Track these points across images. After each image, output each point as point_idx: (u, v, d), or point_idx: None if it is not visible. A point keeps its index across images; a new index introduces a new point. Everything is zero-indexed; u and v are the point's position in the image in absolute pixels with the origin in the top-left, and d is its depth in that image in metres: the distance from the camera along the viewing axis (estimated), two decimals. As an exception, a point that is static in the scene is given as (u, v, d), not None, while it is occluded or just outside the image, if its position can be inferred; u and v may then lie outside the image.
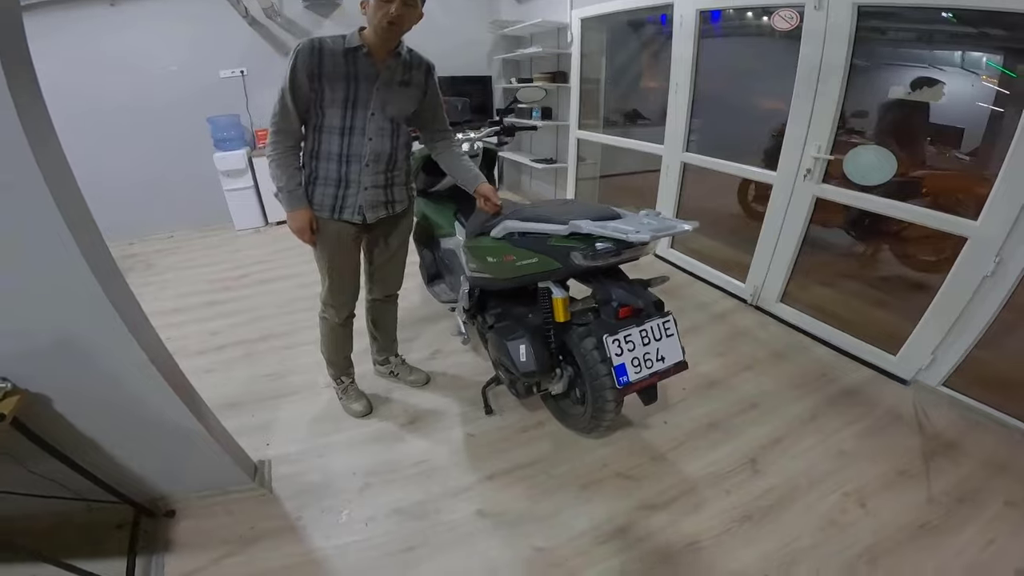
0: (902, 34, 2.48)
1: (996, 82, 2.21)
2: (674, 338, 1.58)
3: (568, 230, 1.50)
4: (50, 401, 1.28)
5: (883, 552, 1.50)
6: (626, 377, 1.50)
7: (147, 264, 3.98)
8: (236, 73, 4.56)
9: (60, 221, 1.07)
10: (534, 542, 1.57)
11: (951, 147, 2.49)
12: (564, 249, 1.53)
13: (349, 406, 2.16)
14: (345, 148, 1.62)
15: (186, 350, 2.62)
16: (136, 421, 1.41)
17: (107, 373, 1.29)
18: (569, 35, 4.21)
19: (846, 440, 1.96)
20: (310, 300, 3.08)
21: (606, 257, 1.48)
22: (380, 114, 1.62)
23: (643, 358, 1.53)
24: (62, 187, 1.09)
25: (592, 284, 1.63)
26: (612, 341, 1.49)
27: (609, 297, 1.54)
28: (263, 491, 1.75)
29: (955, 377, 2.16)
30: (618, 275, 1.66)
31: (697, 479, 1.79)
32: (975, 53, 2.26)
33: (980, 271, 1.96)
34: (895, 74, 2.45)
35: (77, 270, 1.13)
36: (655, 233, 1.35)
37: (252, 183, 4.62)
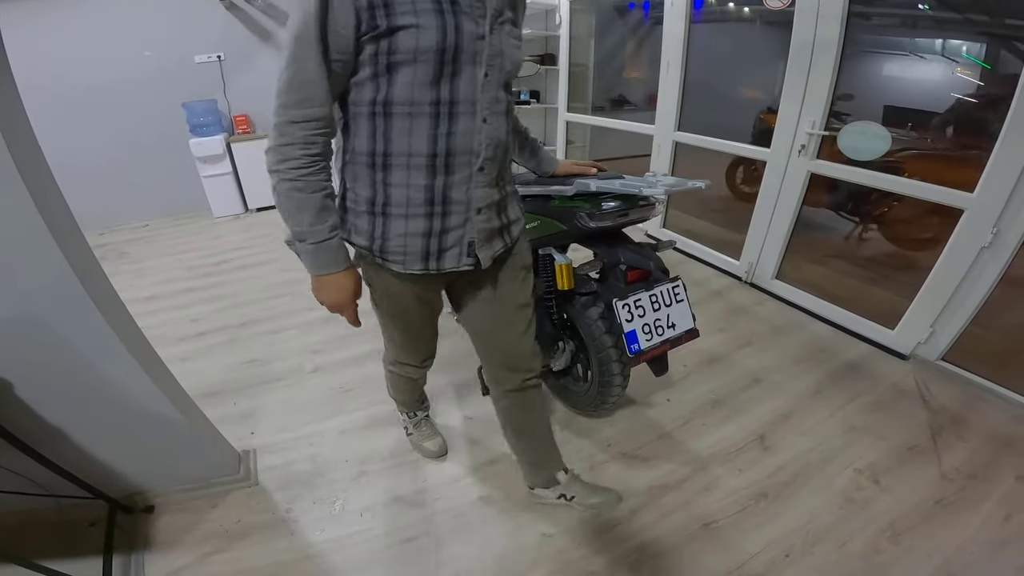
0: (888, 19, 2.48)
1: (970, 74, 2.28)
2: (684, 304, 1.51)
3: (573, 190, 1.43)
4: (11, 386, 1.17)
5: (904, 529, 1.47)
6: (637, 344, 1.43)
7: (120, 253, 3.79)
8: (213, 58, 4.39)
9: (27, 196, 0.96)
10: (541, 528, 1.50)
11: (928, 130, 2.52)
12: (569, 210, 1.45)
13: (421, 444, 1.75)
14: (442, 143, 0.95)
15: (164, 338, 2.48)
16: (108, 409, 1.30)
17: (75, 356, 1.18)
18: (557, 17, 4.14)
19: (852, 415, 1.92)
20: (293, 285, 3.01)
21: (614, 217, 1.41)
22: (496, 76, 0.96)
23: (653, 324, 1.46)
24: (28, 161, 0.99)
25: (598, 247, 1.55)
26: (622, 306, 1.42)
27: (618, 259, 1.47)
28: (249, 483, 1.65)
29: (954, 351, 2.15)
30: (623, 238, 1.58)
31: (707, 457, 1.73)
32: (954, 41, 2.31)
33: (977, 243, 1.94)
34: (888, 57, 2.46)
35: (39, 240, 1.01)
36: (669, 188, 1.28)
37: (231, 169, 4.46)
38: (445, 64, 0.88)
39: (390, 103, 0.91)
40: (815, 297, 2.62)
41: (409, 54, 0.86)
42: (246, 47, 4.47)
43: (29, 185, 0.97)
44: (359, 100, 0.93)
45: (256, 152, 4.43)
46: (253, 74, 4.56)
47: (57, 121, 3.83)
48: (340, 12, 0.81)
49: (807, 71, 2.38)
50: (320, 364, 2.27)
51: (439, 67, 0.88)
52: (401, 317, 1.25)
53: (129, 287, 3.11)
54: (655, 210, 1.47)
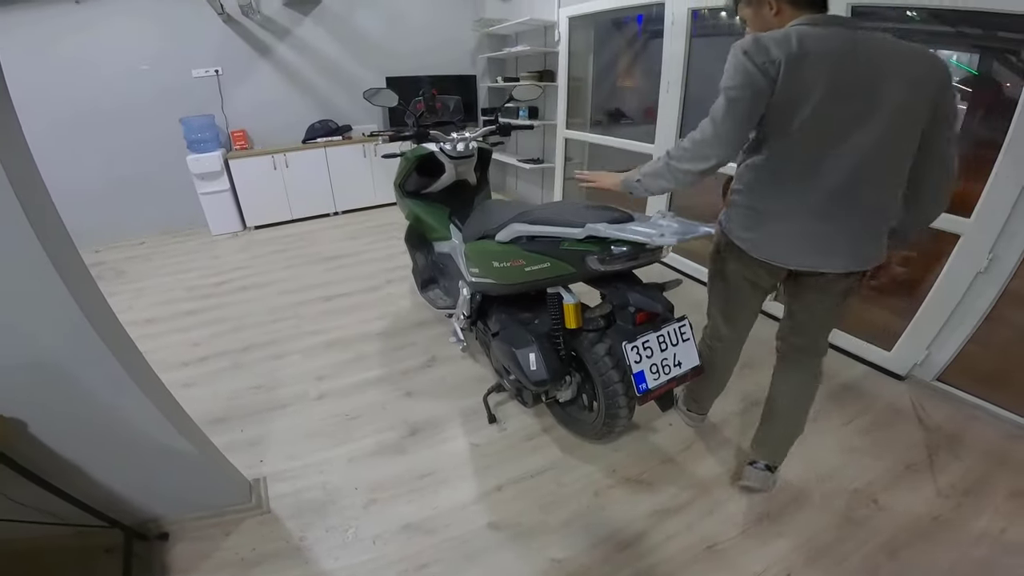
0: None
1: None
2: (690, 342, 1.54)
3: (584, 233, 1.44)
4: (25, 425, 1.20)
5: (901, 546, 1.51)
6: (645, 384, 1.46)
7: (118, 272, 3.80)
8: (210, 72, 4.42)
9: (31, 234, 0.98)
10: (551, 553, 1.53)
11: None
12: (578, 253, 1.47)
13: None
14: None
15: (166, 362, 2.49)
16: (119, 442, 1.33)
17: (84, 393, 1.21)
18: (556, 34, 4.18)
19: (850, 437, 1.96)
20: (294, 309, 3.05)
21: (623, 261, 1.43)
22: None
23: (661, 364, 1.49)
24: (32, 197, 1.01)
25: (606, 288, 1.57)
26: (631, 349, 1.44)
27: (626, 302, 1.49)
28: (261, 510, 1.67)
29: (949, 372, 2.19)
30: (631, 279, 1.61)
31: (709, 481, 1.77)
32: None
33: (974, 267, 1.98)
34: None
35: (49, 285, 1.04)
36: (679, 236, 1.30)
37: (228, 186, 4.46)
38: None
39: None
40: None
41: None
42: (244, 61, 4.51)
43: (38, 231, 0.99)
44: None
45: (254, 169, 4.45)
46: (251, 89, 4.59)
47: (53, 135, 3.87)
48: None
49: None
50: (325, 390, 2.29)
51: None
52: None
53: (128, 308, 3.12)
54: (664, 252, 1.50)
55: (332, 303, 3.11)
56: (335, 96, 4.94)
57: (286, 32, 4.58)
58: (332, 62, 4.84)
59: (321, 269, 3.65)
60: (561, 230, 1.51)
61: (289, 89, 4.78)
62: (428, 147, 2.29)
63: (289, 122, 4.75)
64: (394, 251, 3.85)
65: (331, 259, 3.84)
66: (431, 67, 5.04)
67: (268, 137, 4.72)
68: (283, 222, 4.78)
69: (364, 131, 4.86)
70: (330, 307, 3.06)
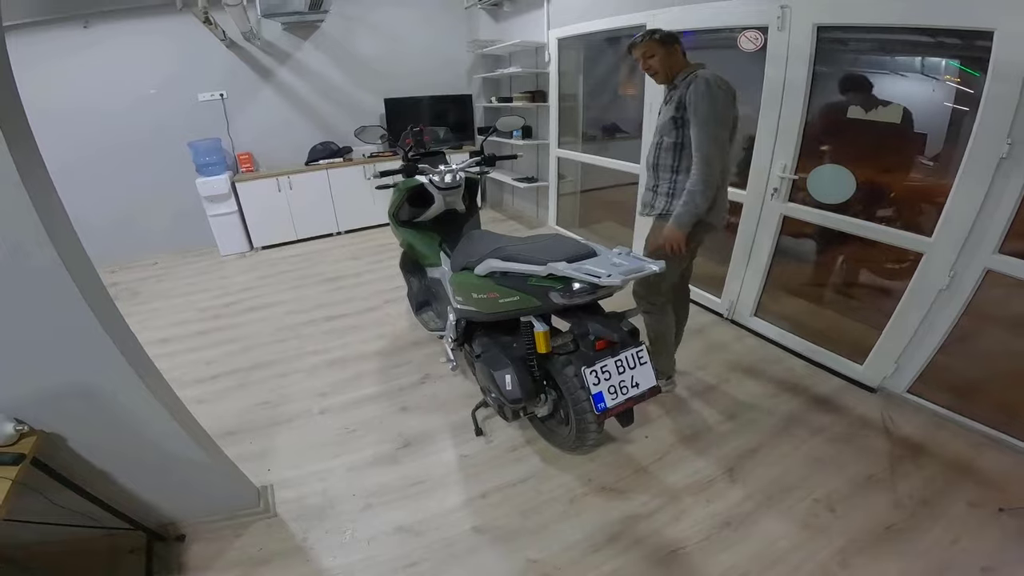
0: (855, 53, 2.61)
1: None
2: (647, 366, 1.69)
3: (546, 271, 1.59)
4: (64, 439, 1.38)
5: (853, 553, 1.62)
6: (604, 404, 1.61)
7: (132, 292, 3.99)
8: (216, 96, 4.62)
9: (65, 275, 1.15)
10: (528, 554, 1.67)
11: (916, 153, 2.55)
12: (543, 288, 1.63)
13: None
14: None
15: (181, 380, 2.66)
16: (144, 452, 1.51)
17: (114, 410, 1.38)
18: (547, 55, 4.35)
19: (817, 448, 2.08)
20: (297, 329, 3.20)
21: (582, 296, 1.58)
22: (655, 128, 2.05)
23: (619, 385, 1.64)
24: (62, 238, 1.17)
25: (570, 319, 1.73)
26: (590, 372, 1.60)
27: (586, 331, 1.65)
28: (268, 514, 1.84)
29: (919, 384, 2.30)
30: (594, 308, 1.77)
31: (679, 489, 1.90)
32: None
33: (936, 285, 2.09)
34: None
35: (81, 316, 1.21)
36: (625, 277, 1.45)
37: (236, 208, 4.64)
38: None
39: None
40: (790, 334, 2.79)
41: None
42: (247, 85, 4.70)
43: (73, 273, 1.16)
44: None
45: (260, 191, 4.63)
46: (254, 112, 4.79)
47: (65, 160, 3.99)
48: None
49: (778, 115, 2.53)
50: (327, 406, 2.45)
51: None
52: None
53: (143, 328, 3.30)
54: (618, 288, 1.63)
55: (334, 323, 3.27)
56: (336, 118, 5.12)
57: (287, 56, 4.78)
58: (332, 85, 5.03)
59: (324, 290, 3.82)
60: (526, 267, 1.67)
61: (292, 112, 4.97)
62: (418, 179, 2.44)
63: (292, 144, 4.94)
64: (392, 271, 3.95)
65: (333, 279, 4.01)
66: (428, 88, 5.22)
67: (272, 159, 4.92)
68: (289, 242, 4.96)
69: (365, 152, 5.04)
70: (332, 327, 3.22)
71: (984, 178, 1.87)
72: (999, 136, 1.80)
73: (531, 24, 4.46)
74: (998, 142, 1.80)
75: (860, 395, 2.42)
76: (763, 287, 2.91)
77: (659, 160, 2.05)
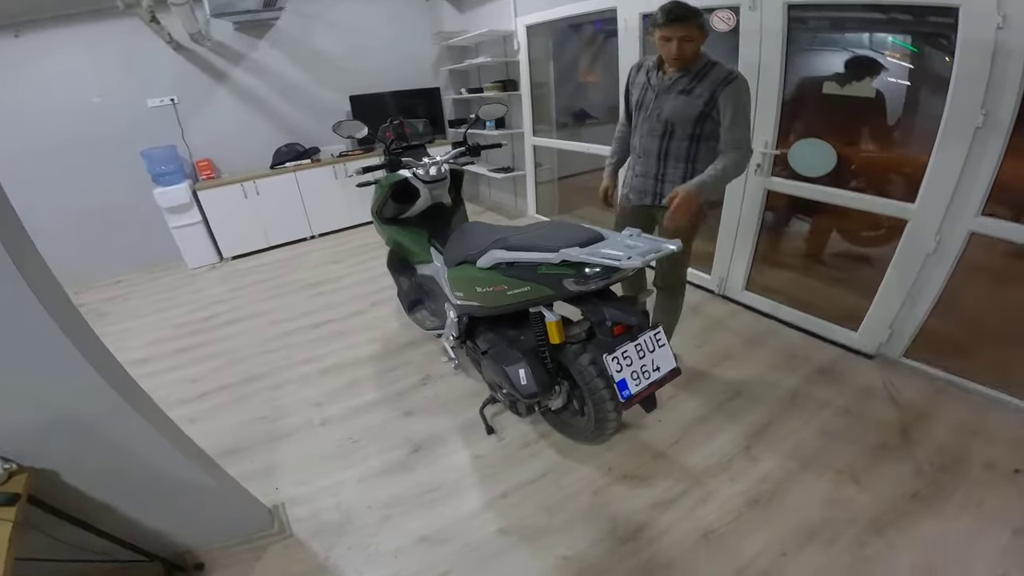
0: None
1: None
2: (666, 348, 1.66)
3: (558, 258, 1.53)
4: (56, 474, 1.29)
5: (887, 524, 1.63)
6: (628, 391, 1.57)
7: (100, 314, 3.77)
8: (166, 102, 4.37)
9: (36, 304, 1.06)
10: (559, 552, 1.64)
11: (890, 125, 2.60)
12: (555, 276, 1.57)
13: None
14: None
15: (167, 400, 2.50)
16: (146, 481, 1.44)
17: (105, 440, 1.30)
18: (516, 43, 4.28)
19: (827, 419, 2.11)
20: (284, 338, 3.08)
21: (597, 281, 1.53)
22: (655, 117, 1.96)
23: (640, 370, 1.61)
24: (30, 268, 1.09)
25: (584, 305, 1.68)
26: (612, 359, 1.56)
27: (603, 317, 1.60)
28: (284, 535, 1.76)
29: (914, 348, 2.35)
30: (607, 294, 1.72)
31: (700, 471, 1.89)
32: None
33: (923, 250, 2.14)
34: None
35: (56, 345, 1.13)
36: (644, 258, 1.41)
37: (200, 217, 4.43)
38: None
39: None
40: (783, 305, 2.83)
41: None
42: (200, 89, 4.47)
43: (44, 303, 1.08)
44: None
45: (225, 198, 4.44)
46: (210, 116, 4.56)
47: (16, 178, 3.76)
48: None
49: (755, 93, 2.52)
50: (326, 417, 2.35)
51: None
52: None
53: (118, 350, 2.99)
54: (633, 270, 1.60)
55: (321, 330, 3.15)
56: (299, 119, 4.95)
57: (241, 57, 4.56)
58: (293, 84, 4.83)
59: (305, 296, 3.68)
60: (538, 256, 1.60)
61: (251, 114, 4.76)
62: (401, 174, 2.35)
63: (254, 148, 4.74)
64: (375, 272, 3.90)
65: (314, 285, 3.87)
66: (394, 83, 5.08)
67: (234, 165, 4.70)
68: (261, 250, 4.78)
69: (333, 152, 4.89)
70: (319, 334, 3.10)
71: (962, 147, 1.92)
72: (973, 107, 1.86)
73: (497, 13, 4.38)
74: (973, 112, 1.86)
75: (858, 362, 2.46)
76: (752, 261, 2.94)
77: (669, 149, 1.98)
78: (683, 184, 1.87)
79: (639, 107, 2.03)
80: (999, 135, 1.84)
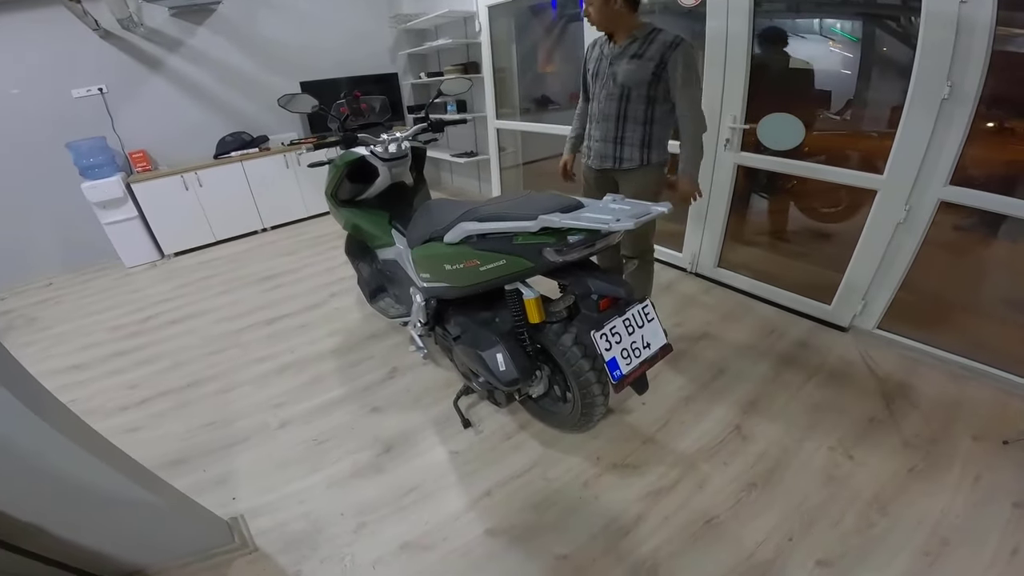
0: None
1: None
2: (655, 322, 1.55)
3: (537, 225, 1.39)
4: None
5: (888, 500, 1.58)
6: (619, 371, 1.45)
7: (29, 319, 3.39)
8: (93, 91, 4.01)
9: None
10: (555, 550, 1.51)
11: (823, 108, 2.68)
12: (534, 247, 1.43)
13: None
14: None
15: (103, 408, 2.28)
16: (72, 499, 1.24)
17: (17, 455, 1.10)
18: (477, 24, 4.12)
19: (812, 394, 2.07)
20: (232, 336, 2.85)
21: (580, 250, 1.41)
22: (611, 82, 2.00)
23: (631, 348, 1.49)
24: None
25: (565, 278, 1.54)
26: (600, 336, 1.43)
27: (588, 290, 1.46)
28: (247, 549, 1.57)
29: (887, 319, 2.35)
30: (589, 265, 1.58)
31: (692, 455, 1.81)
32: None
33: (893, 219, 2.14)
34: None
35: None
36: (637, 220, 1.29)
37: (136, 212, 4.08)
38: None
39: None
40: (756, 281, 2.80)
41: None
42: (132, 77, 4.14)
43: None
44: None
45: (163, 191, 4.12)
46: (144, 105, 4.23)
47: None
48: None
49: (723, 68, 2.51)
50: (286, 418, 2.15)
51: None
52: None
53: (48, 356, 2.78)
54: (615, 237, 1.48)
55: (276, 325, 2.92)
56: (245, 107, 4.65)
57: (178, 44, 4.24)
58: (237, 71, 4.54)
59: (258, 291, 3.43)
60: (513, 224, 1.45)
61: (190, 103, 4.44)
62: (358, 151, 2.17)
63: (195, 138, 4.43)
64: (334, 263, 3.69)
65: (267, 279, 3.61)
66: (348, 68, 4.84)
67: (173, 156, 4.38)
68: (207, 245, 4.46)
69: (283, 140, 4.59)
70: (274, 330, 2.88)
71: (928, 118, 1.94)
72: (939, 79, 1.86)
73: (458, -8, 4.20)
74: (938, 84, 1.87)
75: (833, 335, 2.45)
76: (723, 238, 2.90)
77: (626, 111, 2.02)
78: (679, 178, 2.03)
79: (595, 77, 2.10)
80: (965, 106, 1.84)
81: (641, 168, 2.07)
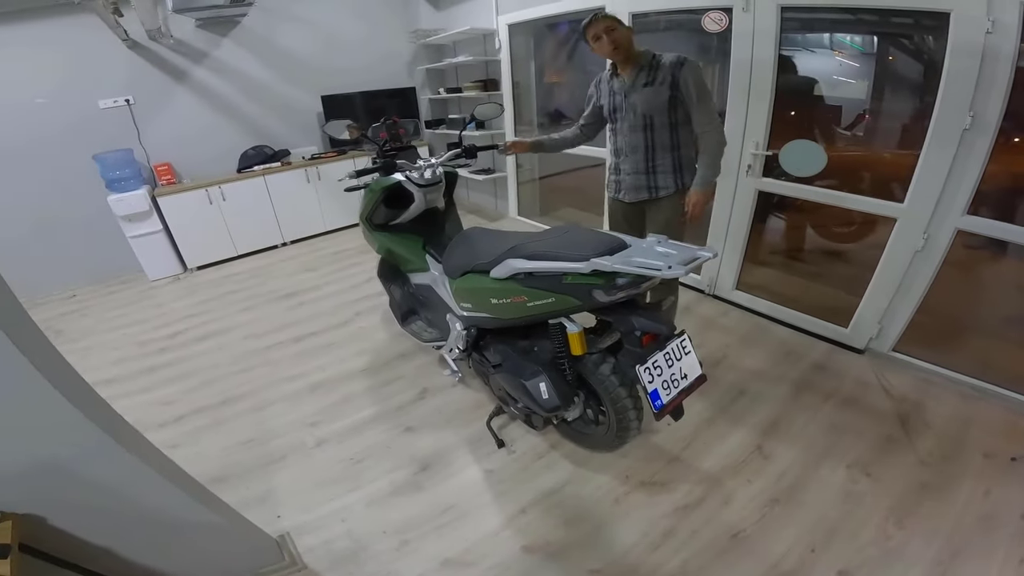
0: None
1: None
2: (692, 355, 1.63)
3: (588, 267, 1.47)
4: (44, 519, 1.18)
5: (903, 513, 1.67)
6: (660, 400, 1.54)
7: (56, 331, 3.48)
8: (120, 102, 4.08)
9: (8, 344, 0.95)
10: (589, 565, 1.59)
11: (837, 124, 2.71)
12: (584, 287, 1.51)
13: None
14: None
15: (140, 424, 2.22)
16: (139, 520, 1.32)
17: (91, 478, 1.18)
18: (497, 42, 4.20)
19: (830, 414, 2.14)
20: (261, 354, 2.92)
21: (628, 291, 1.49)
22: (632, 113, 2.08)
23: (670, 379, 1.57)
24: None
25: (609, 315, 1.62)
26: (644, 370, 1.51)
27: (632, 327, 1.55)
28: (296, 567, 1.64)
29: (903, 342, 2.42)
30: (631, 303, 1.65)
31: (717, 473, 1.88)
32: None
33: (911, 247, 2.20)
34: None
35: (26, 376, 1.00)
36: (687, 266, 1.36)
37: (161, 226, 4.16)
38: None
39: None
40: (773, 303, 2.87)
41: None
42: (159, 89, 4.21)
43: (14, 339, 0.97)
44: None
45: (187, 204, 4.19)
46: (170, 118, 4.30)
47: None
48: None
49: (747, 94, 2.56)
50: (322, 436, 2.22)
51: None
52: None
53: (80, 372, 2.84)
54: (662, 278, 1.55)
55: (303, 344, 2.99)
56: (267, 120, 4.74)
57: (204, 55, 4.33)
58: (260, 84, 4.62)
59: (282, 308, 3.50)
60: (563, 265, 1.53)
61: (215, 116, 4.52)
62: (395, 177, 2.23)
63: (219, 151, 4.50)
64: (357, 280, 3.76)
65: (291, 295, 3.68)
66: (367, 83, 4.93)
67: (197, 169, 4.45)
68: (229, 259, 4.53)
69: (304, 154, 4.69)
70: (302, 348, 2.95)
71: (950, 148, 1.99)
72: (961, 109, 1.91)
73: (477, 10, 4.29)
74: (960, 115, 1.92)
75: (850, 358, 2.52)
76: (743, 261, 2.97)
77: (654, 140, 2.11)
78: (692, 189, 2.09)
79: (614, 112, 2.18)
80: (986, 136, 1.90)
81: (677, 193, 2.15)
